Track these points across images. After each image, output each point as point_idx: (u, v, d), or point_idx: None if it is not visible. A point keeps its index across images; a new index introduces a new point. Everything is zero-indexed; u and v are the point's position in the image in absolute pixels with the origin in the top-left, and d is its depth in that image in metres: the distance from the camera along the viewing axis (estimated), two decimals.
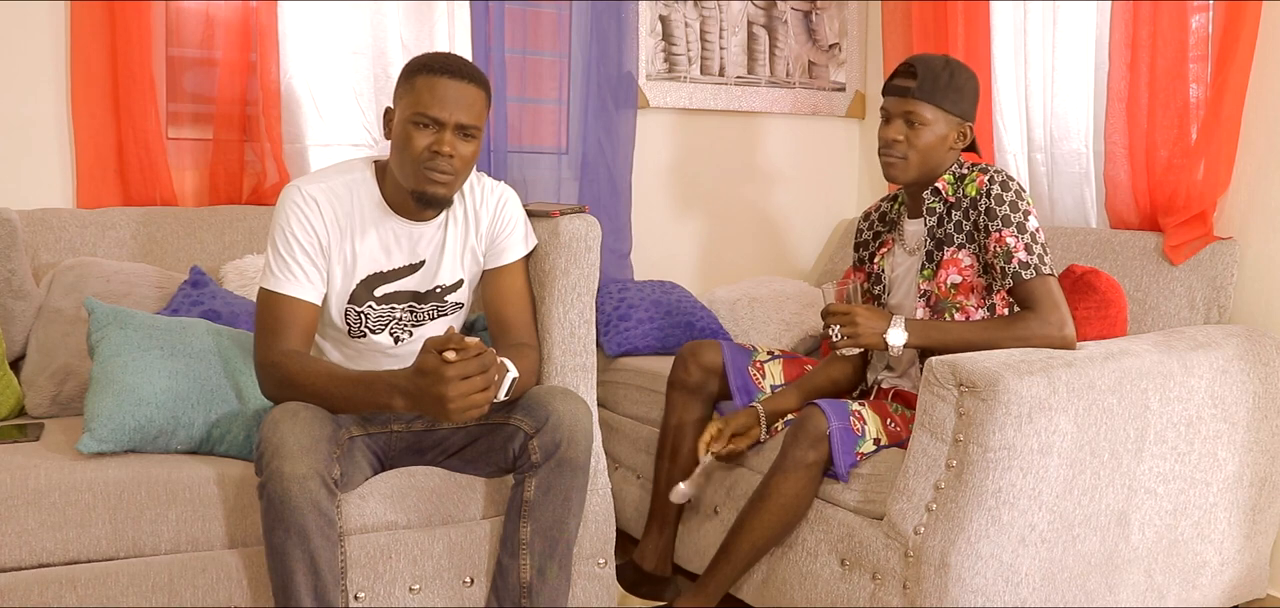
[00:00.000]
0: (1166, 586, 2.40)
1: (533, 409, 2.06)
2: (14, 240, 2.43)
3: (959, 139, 2.39)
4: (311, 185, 2.10)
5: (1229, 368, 2.40)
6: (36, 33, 2.71)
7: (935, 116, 2.34)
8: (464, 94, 2.04)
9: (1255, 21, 2.58)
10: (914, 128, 2.35)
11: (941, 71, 2.35)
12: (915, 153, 2.36)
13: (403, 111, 2.06)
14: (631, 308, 3.13)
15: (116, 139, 2.77)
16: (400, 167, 2.08)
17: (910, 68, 2.37)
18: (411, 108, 2.04)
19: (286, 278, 2.06)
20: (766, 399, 2.53)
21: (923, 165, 2.38)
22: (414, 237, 2.17)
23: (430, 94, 2.03)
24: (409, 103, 2.05)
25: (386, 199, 2.14)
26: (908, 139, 2.35)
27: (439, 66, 2.05)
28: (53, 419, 2.35)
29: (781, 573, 2.37)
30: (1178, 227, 2.68)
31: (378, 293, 2.15)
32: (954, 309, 2.36)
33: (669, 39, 3.52)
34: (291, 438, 1.86)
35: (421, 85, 2.04)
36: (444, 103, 2.03)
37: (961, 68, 2.40)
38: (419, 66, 2.07)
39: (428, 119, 2.03)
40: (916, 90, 2.34)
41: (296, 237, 2.06)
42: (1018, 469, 2.06)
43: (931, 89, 2.34)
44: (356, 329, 2.16)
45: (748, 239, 3.73)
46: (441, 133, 2.03)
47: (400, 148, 2.06)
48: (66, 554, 1.92)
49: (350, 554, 2.05)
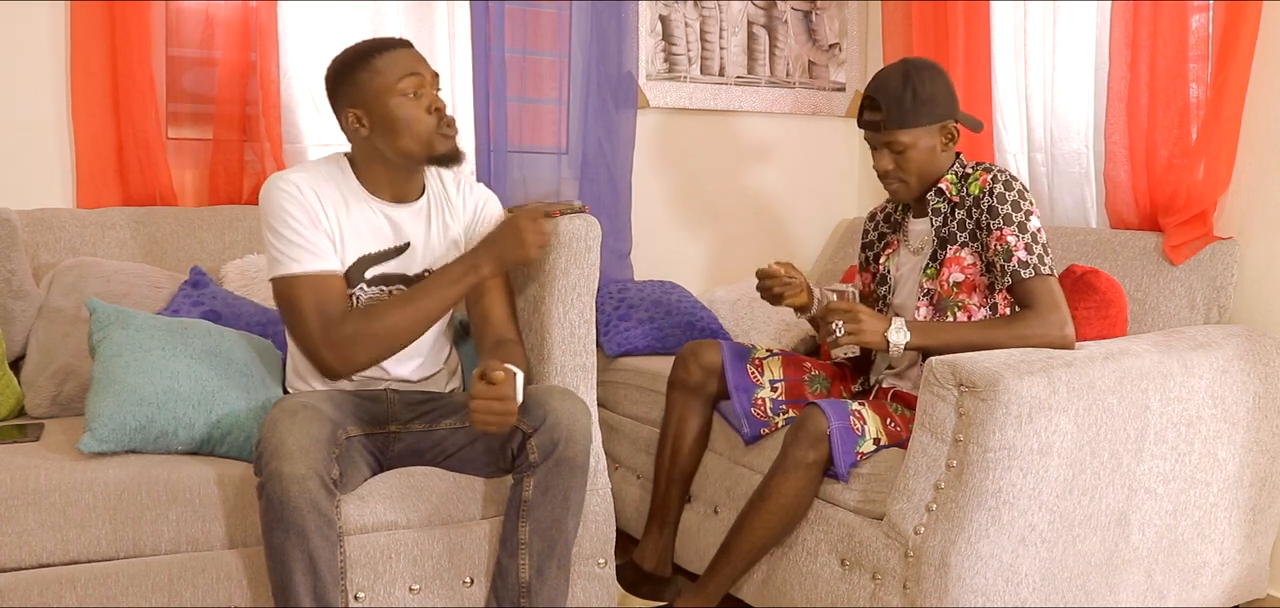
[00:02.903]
0: (1166, 586, 2.40)
1: (531, 409, 2.06)
2: (14, 240, 2.43)
3: (948, 139, 2.39)
4: (290, 174, 2.12)
5: (1229, 368, 2.40)
6: (36, 33, 2.71)
7: (914, 136, 2.35)
8: (417, 55, 2.15)
9: (1255, 21, 2.58)
10: (900, 154, 2.37)
11: (903, 93, 2.34)
12: (911, 174, 2.39)
13: (380, 94, 2.09)
14: (631, 308, 3.13)
15: (116, 139, 2.76)
16: (405, 143, 2.11)
17: (872, 101, 2.38)
18: (391, 83, 2.09)
19: (298, 256, 2.05)
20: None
21: (923, 178, 2.41)
22: (396, 220, 2.19)
23: (397, 65, 2.10)
24: (381, 84, 2.09)
25: (365, 186, 2.17)
26: (898, 166, 2.38)
27: (390, 44, 2.14)
28: (53, 419, 2.35)
29: (781, 573, 2.37)
30: (1178, 226, 2.68)
31: (369, 275, 2.17)
32: (956, 308, 2.36)
33: (669, 39, 3.52)
34: (290, 438, 1.86)
35: (384, 64, 2.10)
36: (415, 60, 2.13)
37: (922, 73, 2.37)
38: (366, 53, 2.12)
39: (415, 80, 2.09)
40: (884, 123, 2.35)
41: (293, 215, 2.06)
42: (1018, 469, 2.06)
43: (899, 116, 2.34)
44: None
45: (748, 239, 3.73)
46: (433, 90, 2.13)
47: (401, 128, 2.10)
48: (66, 554, 1.92)
49: (350, 554, 2.05)
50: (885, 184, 2.43)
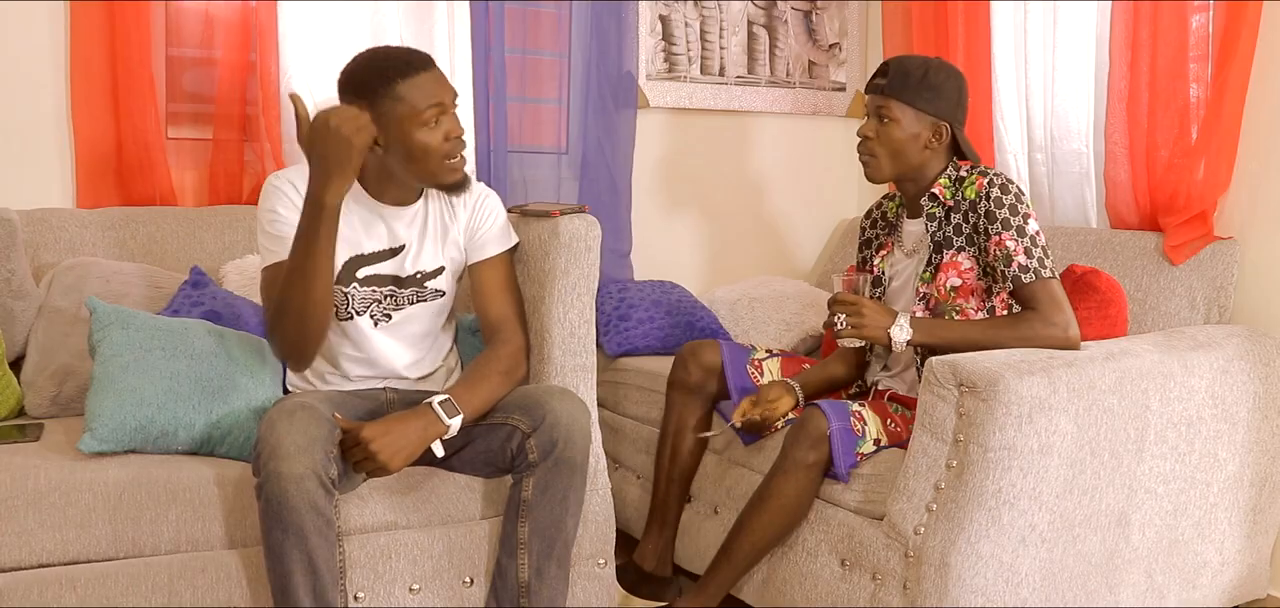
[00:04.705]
0: (1167, 586, 2.40)
1: (530, 409, 2.06)
2: (14, 240, 2.43)
3: (935, 138, 2.36)
4: (287, 172, 2.14)
5: (1229, 368, 2.40)
6: (36, 33, 2.71)
7: (904, 113, 2.34)
8: (440, 76, 2.11)
9: (1255, 21, 2.57)
10: (884, 123, 2.35)
11: (915, 70, 2.35)
12: (883, 150, 2.36)
13: (402, 123, 2.06)
14: (632, 308, 3.13)
15: (116, 139, 2.76)
16: (419, 170, 2.11)
17: (885, 67, 2.39)
18: (416, 111, 2.05)
19: (282, 248, 2.06)
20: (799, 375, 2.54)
21: (895, 163, 2.37)
22: (393, 222, 2.19)
23: (423, 93, 2.06)
24: (405, 112, 2.05)
25: (366, 188, 2.17)
26: (877, 135, 2.36)
27: (414, 65, 2.08)
28: (53, 419, 2.35)
29: (782, 573, 2.37)
30: (1178, 226, 2.68)
31: (360, 275, 2.17)
32: (953, 312, 2.36)
33: (669, 39, 3.52)
34: (288, 438, 1.86)
35: (408, 91, 2.05)
36: (440, 86, 2.09)
37: (942, 69, 2.38)
38: (389, 76, 2.06)
39: (437, 110, 2.07)
40: (887, 87, 2.35)
41: (282, 213, 2.08)
42: (1018, 469, 2.06)
43: (902, 87, 2.34)
44: (344, 311, 2.18)
45: (748, 239, 3.73)
46: (451, 118, 2.10)
47: (418, 156, 2.08)
48: (66, 554, 1.92)
49: (350, 554, 2.05)
50: (860, 154, 2.40)
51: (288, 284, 1.99)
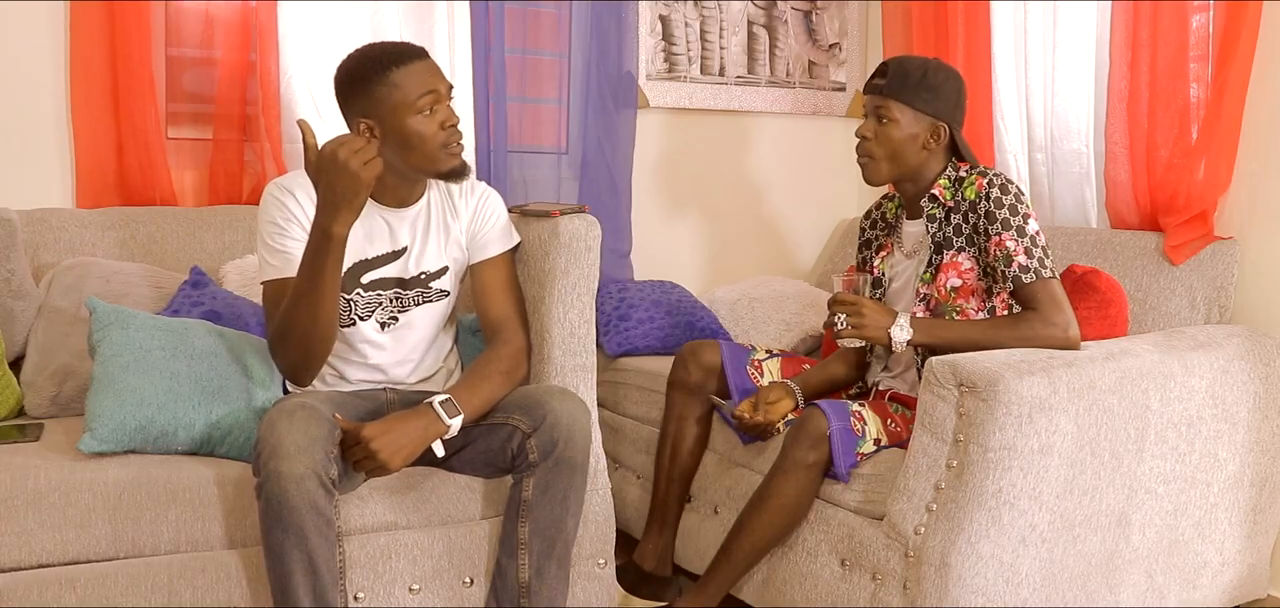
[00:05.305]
0: (1167, 586, 2.40)
1: (530, 409, 2.06)
2: (14, 240, 2.43)
3: (933, 139, 2.36)
4: (287, 181, 2.13)
5: (1230, 368, 2.40)
6: (36, 33, 2.71)
7: (903, 114, 2.34)
8: (434, 66, 2.12)
9: (1255, 21, 2.57)
10: (882, 124, 2.35)
11: (914, 70, 2.35)
12: (881, 150, 2.36)
13: (397, 110, 2.06)
14: (632, 308, 3.13)
15: (116, 139, 2.76)
16: (417, 159, 2.11)
17: (884, 67, 2.39)
18: (410, 99, 2.06)
19: (284, 263, 2.06)
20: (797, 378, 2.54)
21: (892, 164, 2.37)
22: (394, 224, 2.19)
23: (416, 81, 2.07)
24: (400, 99, 2.06)
25: None
26: (875, 135, 2.36)
27: (408, 54, 2.09)
28: (53, 419, 2.35)
29: (782, 573, 2.37)
30: (1178, 226, 2.68)
31: (364, 280, 2.17)
32: (953, 312, 2.36)
33: (669, 39, 3.52)
34: (288, 438, 1.86)
35: (402, 79, 2.06)
36: (433, 75, 2.09)
37: (941, 70, 2.38)
38: (382, 64, 2.07)
39: (432, 98, 2.07)
40: (886, 87, 2.35)
41: (281, 225, 2.08)
42: (1018, 469, 2.06)
43: (900, 87, 2.34)
44: (346, 318, 2.17)
45: (748, 239, 3.73)
46: (447, 106, 2.10)
47: (414, 144, 2.08)
48: (66, 554, 1.92)
49: (350, 555, 2.05)
50: (858, 155, 2.40)
51: (293, 307, 1.98)
